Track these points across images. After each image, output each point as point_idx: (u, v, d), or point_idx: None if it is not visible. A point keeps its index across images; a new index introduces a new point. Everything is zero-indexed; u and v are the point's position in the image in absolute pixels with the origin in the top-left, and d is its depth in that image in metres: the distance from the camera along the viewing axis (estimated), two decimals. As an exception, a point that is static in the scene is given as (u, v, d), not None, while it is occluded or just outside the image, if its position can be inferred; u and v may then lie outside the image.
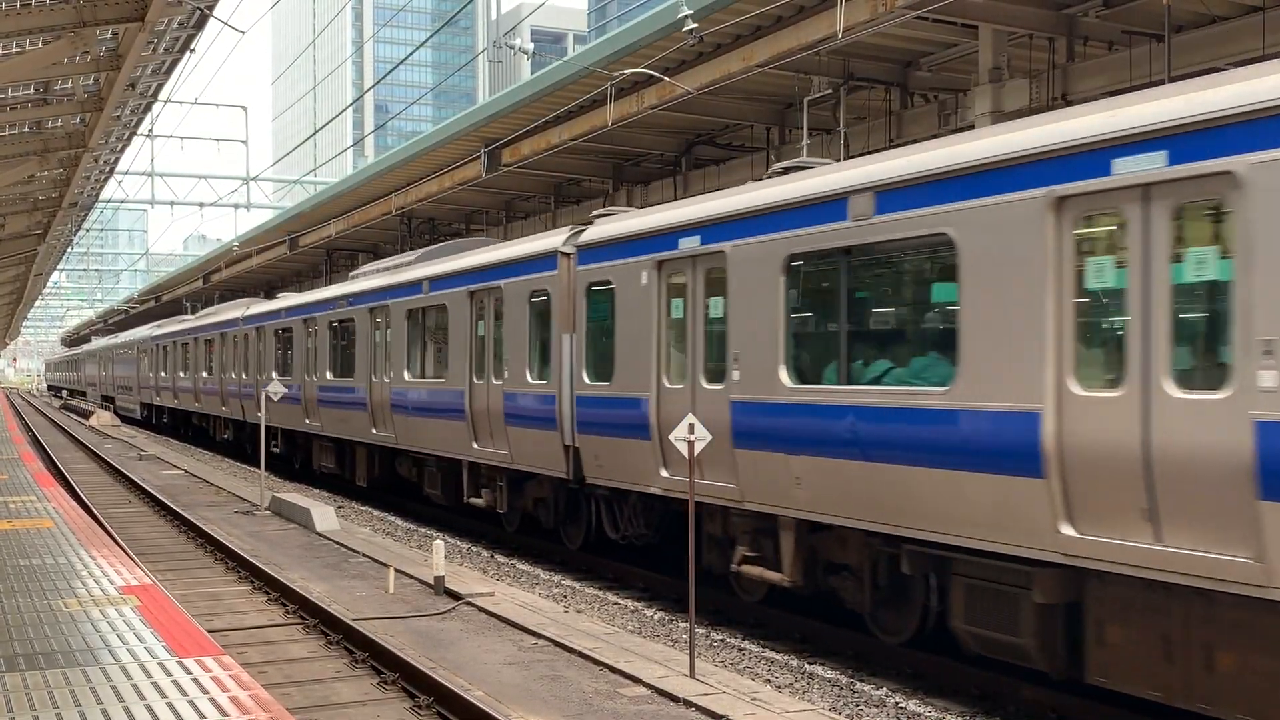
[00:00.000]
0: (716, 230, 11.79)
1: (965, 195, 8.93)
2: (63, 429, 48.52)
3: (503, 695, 9.09)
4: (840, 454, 10.08)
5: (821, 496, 10.34)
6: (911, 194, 9.43)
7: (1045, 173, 8.29)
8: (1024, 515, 8.37)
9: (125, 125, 19.49)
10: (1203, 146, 7.30)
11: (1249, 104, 7.05)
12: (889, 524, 9.64)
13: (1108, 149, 7.86)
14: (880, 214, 9.71)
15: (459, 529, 19.46)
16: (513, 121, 22.94)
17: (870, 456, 9.76)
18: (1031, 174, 8.39)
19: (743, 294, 11.38)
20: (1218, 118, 7.21)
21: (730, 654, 11.13)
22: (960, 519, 8.92)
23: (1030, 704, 9.25)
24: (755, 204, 11.28)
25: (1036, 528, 8.29)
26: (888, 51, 17.88)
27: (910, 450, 9.33)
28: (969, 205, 8.89)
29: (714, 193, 12.99)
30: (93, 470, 29.85)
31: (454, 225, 35.79)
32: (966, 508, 8.84)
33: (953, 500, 8.97)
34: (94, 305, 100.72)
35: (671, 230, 12.58)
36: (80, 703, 6.84)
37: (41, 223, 28.39)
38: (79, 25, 12.24)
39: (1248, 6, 14.65)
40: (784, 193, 10.97)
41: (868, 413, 9.79)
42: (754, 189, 11.68)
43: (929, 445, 9.16)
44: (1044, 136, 8.36)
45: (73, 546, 12.72)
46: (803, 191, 10.71)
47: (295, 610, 12.40)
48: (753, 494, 11.22)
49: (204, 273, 56.09)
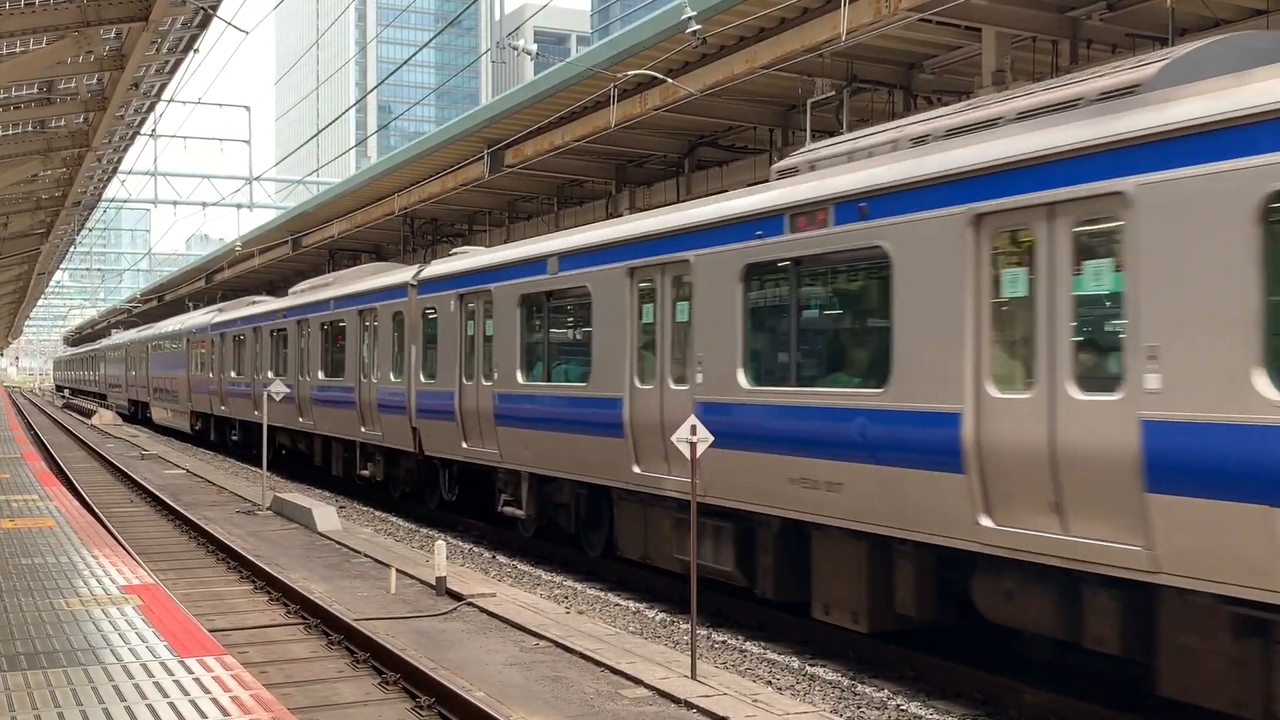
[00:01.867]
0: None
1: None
2: (65, 428, 48.55)
3: (504, 696, 9.09)
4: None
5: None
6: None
7: (966, 191, 8.97)
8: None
9: (128, 125, 19.51)
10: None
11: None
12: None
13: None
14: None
15: (461, 530, 19.47)
16: (516, 122, 22.94)
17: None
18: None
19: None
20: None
21: (732, 655, 11.13)
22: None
23: (1032, 707, 9.24)
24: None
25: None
26: (891, 53, 17.87)
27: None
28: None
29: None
30: (95, 469, 29.86)
31: (456, 226, 35.78)
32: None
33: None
34: (96, 304, 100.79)
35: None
36: (82, 702, 6.84)
37: (44, 222, 28.42)
38: (83, 25, 12.24)
39: (1251, 9, 14.66)
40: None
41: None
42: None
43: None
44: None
45: (74, 546, 12.73)
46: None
47: (297, 610, 12.40)
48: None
49: (206, 272, 56.12)
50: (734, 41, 17.28)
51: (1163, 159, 7.54)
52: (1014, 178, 8.61)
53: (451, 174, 27.39)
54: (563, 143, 22.61)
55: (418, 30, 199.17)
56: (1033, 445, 8.36)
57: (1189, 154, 7.38)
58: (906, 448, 9.40)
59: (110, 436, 42.91)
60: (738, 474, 11.39)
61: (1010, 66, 16.03)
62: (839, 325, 11.01)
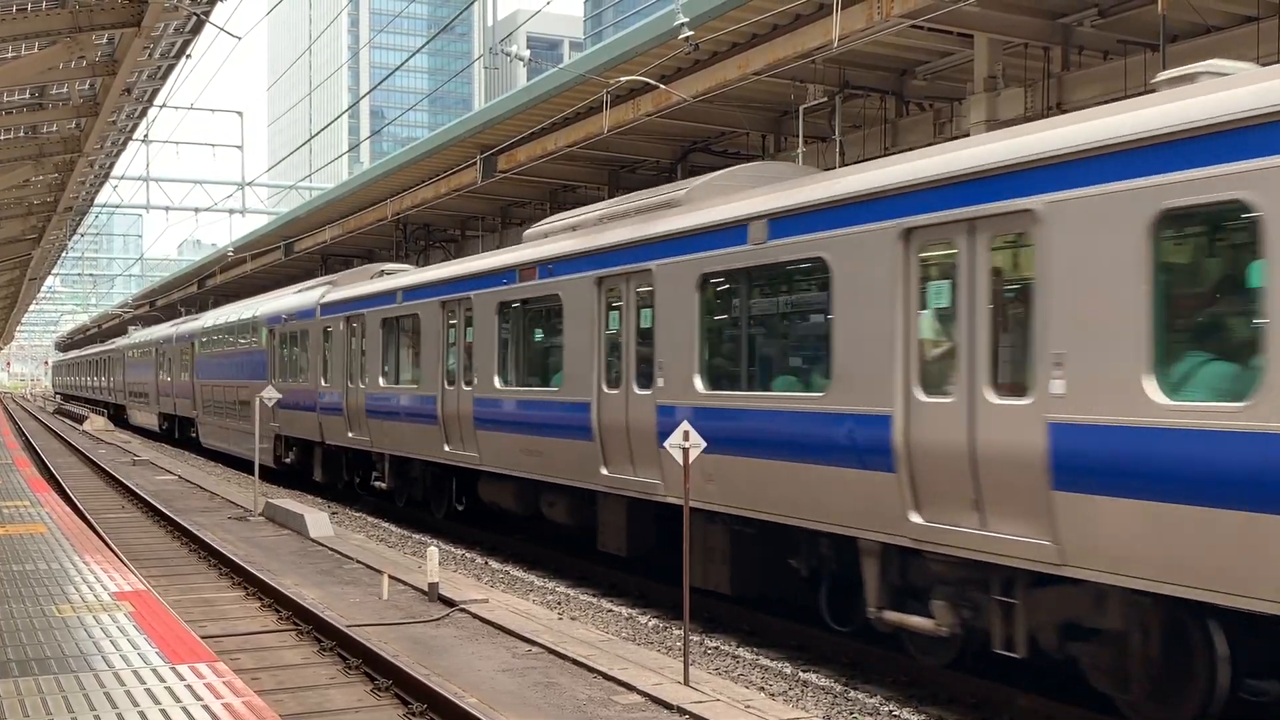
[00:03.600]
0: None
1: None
2: (56, 434, 48.43)
3: (496, 702, 9.07)
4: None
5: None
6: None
7: (897, 207, 9.56)
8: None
9: (121, 130, 19.48)
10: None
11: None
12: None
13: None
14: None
15: (453, 535, 19.45)
16: (509, 128, 22.95)
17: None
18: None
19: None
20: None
21: (724, 661, 11.13)
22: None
23: (1026, 712, 9.25)
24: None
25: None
26: (883, 60, 17.90)
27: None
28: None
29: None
30: (86, 475, 29.79)
31: (450, 231, 35.77)
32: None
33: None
34: (89, 310, 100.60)
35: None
36: (74, 709, 6.83)
37: (36, 227, 28.35)
38: (75, 30, 12.22)
39: (1242, 16, 14.69)
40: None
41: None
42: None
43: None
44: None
45: (66, 552, 12.70)
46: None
47: (289, 616, 12.38)
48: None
49: (199, 278, 56.02)
50: (727, 47, 17.30)
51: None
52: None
53: (444, 179, 27.37)
54: (556, 148, 22.61)
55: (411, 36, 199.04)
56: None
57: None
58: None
59: (102, 442, 42.83)
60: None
61: (1002, 73, 16.07)
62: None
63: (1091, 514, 7.82)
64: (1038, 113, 15.67)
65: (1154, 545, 7.43)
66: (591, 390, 13.85)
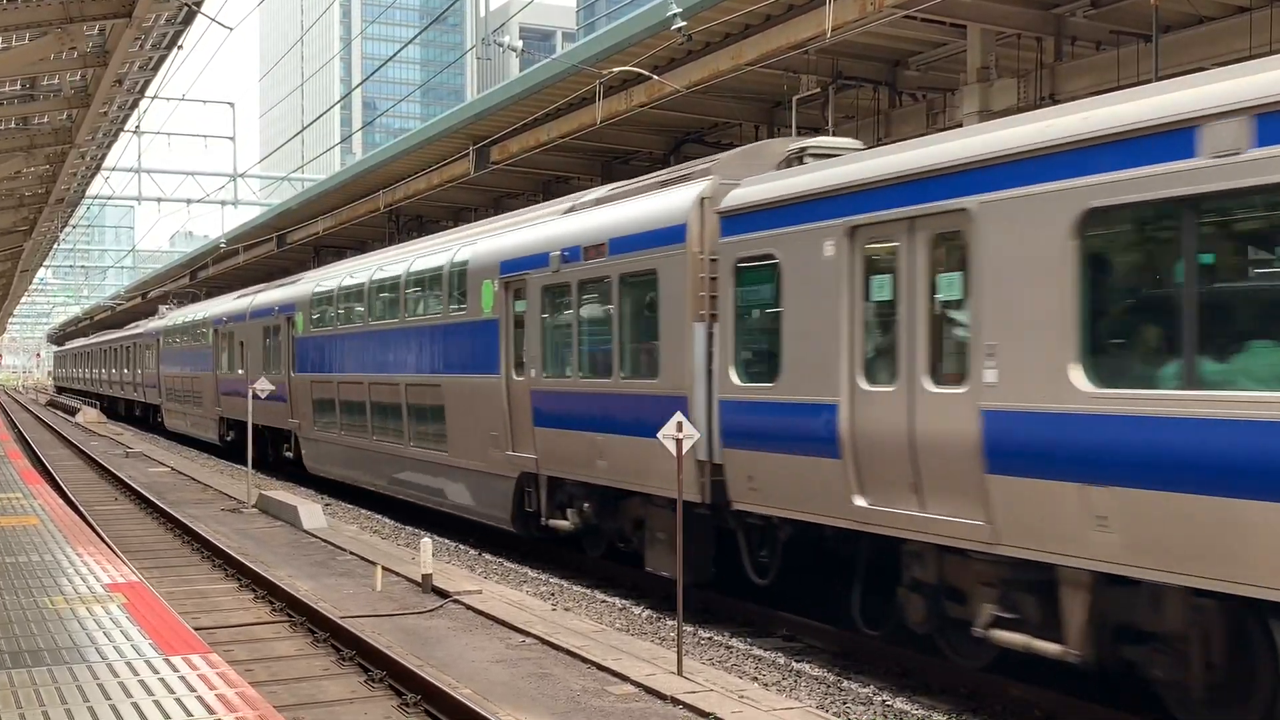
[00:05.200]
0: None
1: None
2: (49, 426, 48.34)
3: (490, 693, 9.09)
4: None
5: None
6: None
7: (841, 206, 9.98)
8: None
9: (112, 121, 19.40)
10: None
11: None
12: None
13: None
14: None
15: (447, 527, 19.45)
16: (501, 119, 22.91)
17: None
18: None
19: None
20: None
21: (718, 652, 11.15)
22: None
23: (1017, 702, 9.28)
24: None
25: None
26: (876, 51, 17.90)
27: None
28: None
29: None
30: (79, 467, 29.74)
31: (442, 223, 35.69)
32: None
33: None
34: (80, 302, 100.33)
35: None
36: (67, 701, 6.82)
37: (27, 219, 28.26)
38: (66, 21, 12.16)
39: (1235, 7, 14.71)
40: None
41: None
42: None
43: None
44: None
45: (59, 544, 12.68)
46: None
47: (282, 608, 12.38)
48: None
49: (191, 269, 55.89)
50: (719, 38, 17.29)
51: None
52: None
53: (437, 170, 27.33)
54: (548, 139, 22.59)
55: (403, 26, 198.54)
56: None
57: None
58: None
59: (95, 434, 42.74)
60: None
61: (995, 63, 16.08)
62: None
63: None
64: (1031, 103, 15.69)
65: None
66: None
